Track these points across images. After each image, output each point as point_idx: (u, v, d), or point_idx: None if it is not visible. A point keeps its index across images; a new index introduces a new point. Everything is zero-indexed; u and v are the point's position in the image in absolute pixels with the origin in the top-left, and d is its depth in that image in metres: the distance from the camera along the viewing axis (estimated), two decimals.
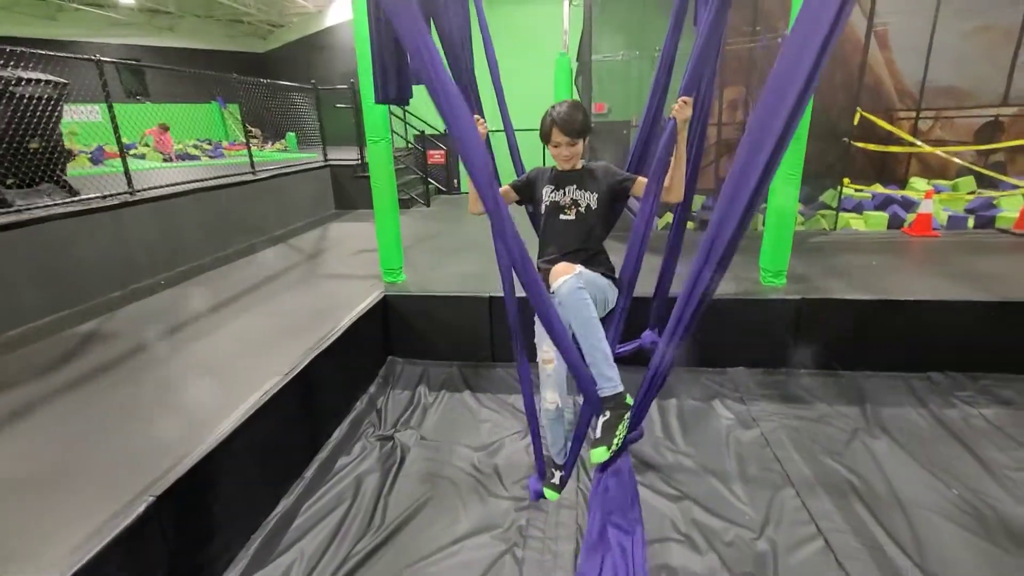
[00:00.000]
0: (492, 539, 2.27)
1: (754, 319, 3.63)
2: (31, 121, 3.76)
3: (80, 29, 12.89)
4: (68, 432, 2.22)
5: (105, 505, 1.74)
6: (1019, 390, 3.28)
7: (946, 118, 7.07)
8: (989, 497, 2.44)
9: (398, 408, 3.33)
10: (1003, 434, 2.89)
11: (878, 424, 3.02)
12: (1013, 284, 3.70)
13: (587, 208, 1.93)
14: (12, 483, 1.91)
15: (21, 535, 1.66)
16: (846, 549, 2.15)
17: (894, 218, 5.55)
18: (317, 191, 7.30)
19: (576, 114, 1.89)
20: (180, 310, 3.62)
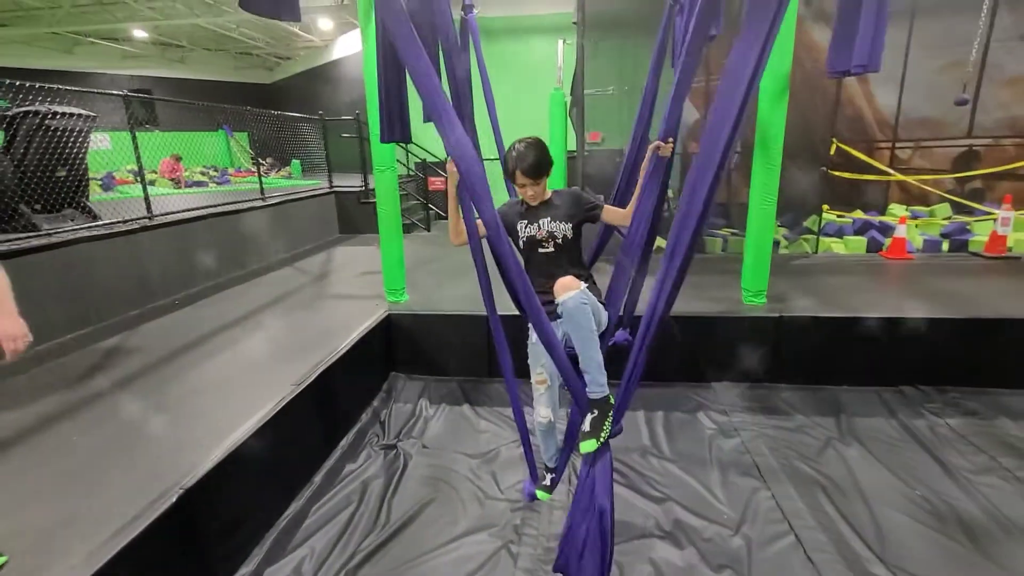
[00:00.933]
0: (489, 536, 2.45)
1: (736, 336, 3.86)
2: (62, 151, 4.05)
3: (95, 61, 13.41)
4: (103, 434, 2.42)
5: (141, 495, 1.94)
6: (983, 402, 3.50)
7: (924, 147, 7.47)
8: (948, 497, 2.63)
9: (401, 420, 3.53)
10: (966, 441, 3.10)
11: (851, 433, 3.23)
12: (979, 303, 3.96)
13: (563, 238, 2.07)
14: (60, 475, 2.11)
15: (73, 520, 1.85)
16: (814, 543, 2.34)
17: (872, 242, 5.84)
18: (322, 216, 7.59)
19: (531, 156, 2.01)
20: (196, 327, 3.84)
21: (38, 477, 2.11)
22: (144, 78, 14.45)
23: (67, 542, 1.75)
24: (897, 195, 7.05)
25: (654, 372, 3.77)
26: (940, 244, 5.73)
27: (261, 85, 16.82)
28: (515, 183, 2.08)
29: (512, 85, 9.85)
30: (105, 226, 4.23)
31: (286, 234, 6.51)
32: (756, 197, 3.82)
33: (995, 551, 2.30)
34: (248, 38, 13.73)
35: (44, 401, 2.71)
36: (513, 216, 2.14)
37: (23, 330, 1.56)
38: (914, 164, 7.53)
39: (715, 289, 4.40)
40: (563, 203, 2.12)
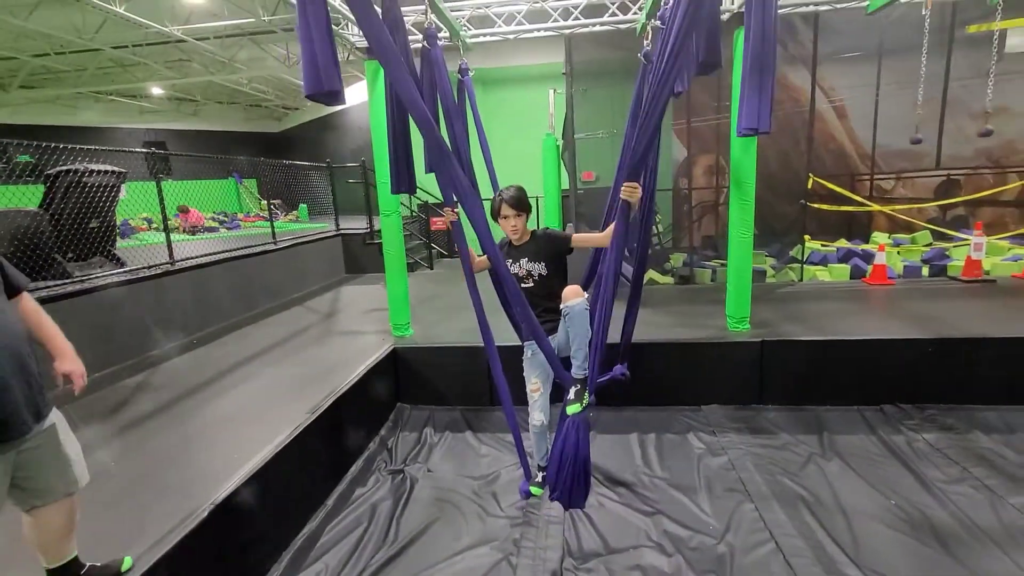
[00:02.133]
0: (490, 550, 2.63)
1: (723, 361, 4.09)
2: (95, 205, 4.42)
3: (115, 117, 14.15)
4: (136, 461, 2.65)
5: (175, 511, 2.16)
6: (960, 417, 3.68)
7: (903, 178, 7.85)
8: (922, 506, 2.81)
9: (407, 447, 3.73)
10: (942, 455, 3.27)
11: (832, 449, 3.41)
12: (955, 324, 4.19)
13: (539, 276, 2.55)
14: (100, 497, 2.32)
15: (116, 535, 2.07)
16: (793, 549, 2.51)
17: (856, 269, 6.11)
18: (330, 258, 7.95)
19: (513, 191, 2.54)
20: (215, 364, 4.10)
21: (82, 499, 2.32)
22: (159, 131, 15.19)
23: (112, 554, 1.96)
24: (883, 224, 7.37)
25: (647, 397, 4.02)
26: (920, 269, 6.00)
27: (271, 134, 17.60)
28: (499, 217, 2.56)
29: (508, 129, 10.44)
30: (130, 272, 4.56)
31: (296, 275, 6.83)
32: (734, 230, 4.13)
33: (963, 554, 2.46)
34: (258, 91, 14.51)
35: (81, 433, 2.91)
36: (503, 254, 2.61)
37: (83, 369, 1.79)
38: (898, 194, 7.89)
39: (703, 317, 4.66)
40: (538, 244, 2.58)
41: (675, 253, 7.16)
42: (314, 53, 1.81)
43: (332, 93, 1.81)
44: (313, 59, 1.81)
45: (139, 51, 10.33)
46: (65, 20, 8.63)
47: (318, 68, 1.81)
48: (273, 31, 9.71)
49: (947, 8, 6.35)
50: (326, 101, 1.85)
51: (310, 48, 1.82)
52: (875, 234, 7.27)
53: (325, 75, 1.77)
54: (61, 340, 1.77)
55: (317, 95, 1.80)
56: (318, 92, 1.80)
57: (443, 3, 3.85)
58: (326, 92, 1.82)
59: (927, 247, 6.76)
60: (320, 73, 1.80)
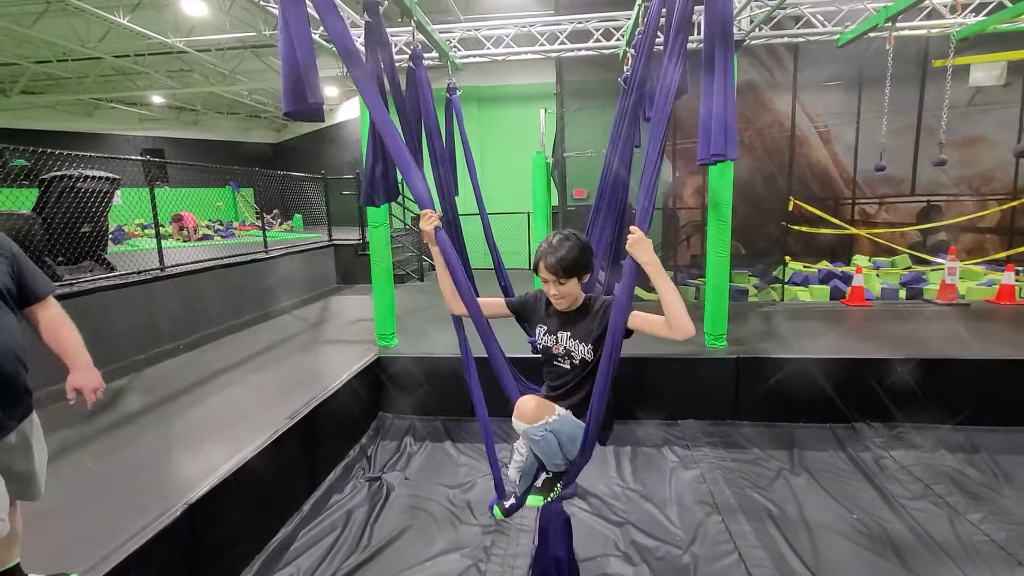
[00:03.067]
0: (461, 556, 2.68)
1: (699, 376, 4.18)
2: (88, 210, 4.50)
3: (114, 124, 14.30)
4: (113, 461, 2.70)
5: (148, 510, 2.21)
6: (928, 436, 3.78)
7: (888, 202, 8.05)
8: (883, 520, 2.88)
9: (387, 455, 3.78)
10: (906, 472, 3.36)
11: (801, 464, 3.49)
12: (925, 345, 4.30)
13: (581, 361, 1.82)
14: (75, 494, 2.37)
15: (87, 531, 2.11)
16: (755, 560, 2.57)
17: (835, 290, 6.24)
18: (322, 267, 8.03)
19: (559, 251, 1.71)
20: (199, 370, 4.15)
21: (57, 495, 2.36)
22: (158, 139, 15.34)
23: (83, 548, 2.01)
24: (867, 247, 7.54)
25: (626, 412, 4.09)
26: (897, 292, 6.13)
27: (268, 145, 17.78)
28: (541, 278, 1.81)
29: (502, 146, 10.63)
30: (119, 276, 4.62)
31: (287, 284, 6.90)
32: (712, 250, 4.25)
33: (919, 567, 2.53)
34: (258, 102, 14.71)
35: (60, 434, 2.98)
36: (537, 316, 1.93)
37: (100, 380, 1.77)
38: (881, 218, 8.09)
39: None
40: (593, 318, 1.80)
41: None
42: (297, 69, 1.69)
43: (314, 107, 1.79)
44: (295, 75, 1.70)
45: (141, 60, 10.50)
46: (69, 29, 8.80)
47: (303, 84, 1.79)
48: (274, 44, 9.91)
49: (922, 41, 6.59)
50: (307, 118, 1.86)
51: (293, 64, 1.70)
52: (856, 257, 7.43)
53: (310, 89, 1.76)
54: (75, 353, 1.71)
55: (298, 112, 1.80)
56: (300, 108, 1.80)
57: (433, 24, 3.99)
58: (307, 107, 1.74)
59: (906, 270, 6.92)
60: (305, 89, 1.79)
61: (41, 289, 1.67)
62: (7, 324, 1.53)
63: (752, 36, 4.23)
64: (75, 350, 1.72)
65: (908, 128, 7.33)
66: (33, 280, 1.65)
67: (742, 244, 7.26)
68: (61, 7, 7.84)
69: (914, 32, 4.55)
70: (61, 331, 1.71)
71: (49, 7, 7.95)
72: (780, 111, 7.48)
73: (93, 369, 1.75)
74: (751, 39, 4.28)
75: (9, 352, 1.51)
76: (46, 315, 1.69)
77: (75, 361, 1.71)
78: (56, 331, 1.70)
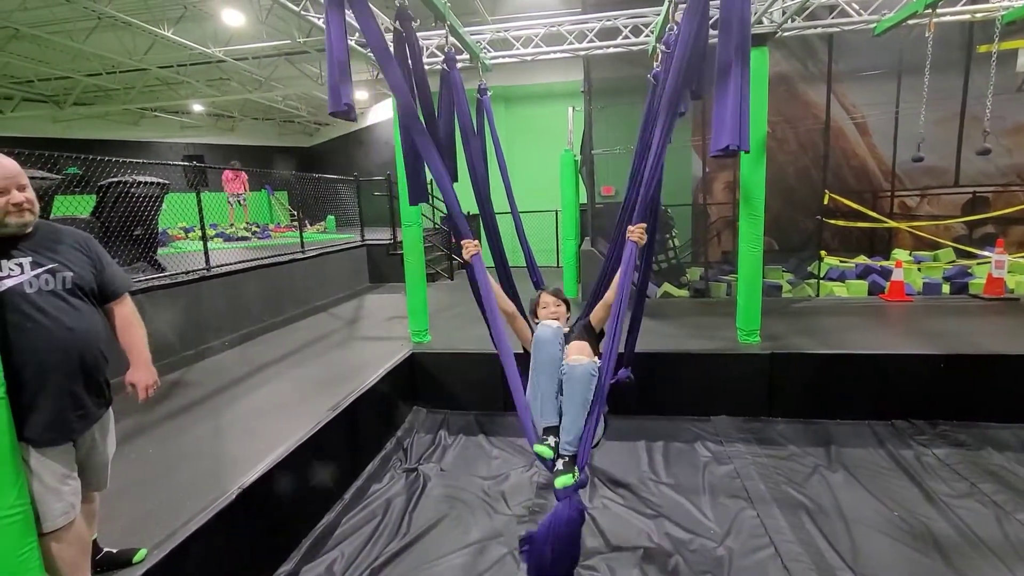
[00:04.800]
0: (497, 544, 2.75)
1: (732, 372, 4.15)
2: (140, 214, 4.76)
3: (157, 132, 14.94)
4: (172, 448, 2.88)
5: (207, 493, 2.36)
6: (972, 434, 3.66)
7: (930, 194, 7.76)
8: (925, 517, 2.83)
9: (422, 447, 3.89)
10: (950, 470, 3.27)
11: (839, 461, 3.44)
12: (970, 341, 4.16)
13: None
14: (139, 478, 2.55)
15: (153, 511, 2.27)
16: (791, 554, 2.56)
17: (873, 285, 6.08)
18: (354, 267, 8.24)
19: (556, 289, 2.63)
20: (245, 365, 4.35)
21: (125, 479, 2.55)
22: (198, 145, 15.95)
23: (150, 527, 2.17)
24: (907, 241, 7.28)
25: (657, 406, 4.10)
26: (940, 287, 5.93)
27: (302, 148, 18.26)
28: (539, 308, 2.60)
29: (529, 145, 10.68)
30: (170, 276, 4.87)
31: (322, 283, 7.12)
32: (744, 244, 4.21)
33: (963, 566, 2.48)
34: (292, 107, 15.14)
35: (121, 424, 3.18)
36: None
37: (155, 377, 1.88)
38: (923, 211, 7.81)
39: (715, 329, 4.73)
40: (576, 330, 2.46)
41: (692, 268, 7.22)
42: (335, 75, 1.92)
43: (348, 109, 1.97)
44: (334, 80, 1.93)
45: (183, 71, 10.96)
46: (117, 43, 9.26)
47: (339, 88, 1.95)
48: (307, 51, 10.20)
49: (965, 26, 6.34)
50: (343, 117, 2.04)
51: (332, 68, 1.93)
52: (896, 251, 7.20)
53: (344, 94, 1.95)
54: (139, 351, 1.82)
55: (339, 112, 1.99)
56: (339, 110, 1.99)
57: (464, 27, 4.08)
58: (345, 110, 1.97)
59: (950, 264, 6.67)
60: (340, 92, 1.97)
61: (120, 287, 1.80)
62: (90, 319, 1.66)
63: (784, 28, 4.17)
64: (139, 348, 1.84)
65: (952, 117, 7.05)
66: (112, 278, 1.78)
67: (775, 239, 7.12)
68: (111, 22, 8.26)
69: (956, 17, 4.40)
70: (132, 328, 1.83)
71: (100, 22, 8.39)
72: (814, 103, 7.29)
73: (151, 367, 1.86)
74: (783, 31, 4.22)
75: (94, 345, 1.65)
76: (122, 312, 1.81)
77: (137, 358, 1.83)
78: (127, 328, 1.82)
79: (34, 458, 1.51)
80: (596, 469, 3.43)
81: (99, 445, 1.76)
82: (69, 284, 1.61)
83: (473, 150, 3.04)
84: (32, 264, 1.54)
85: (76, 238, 1.71)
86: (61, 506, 1.55)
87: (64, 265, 1.61)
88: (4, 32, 8.51)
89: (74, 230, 1.73)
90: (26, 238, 1.56)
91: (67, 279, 1.61)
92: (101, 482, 1.81)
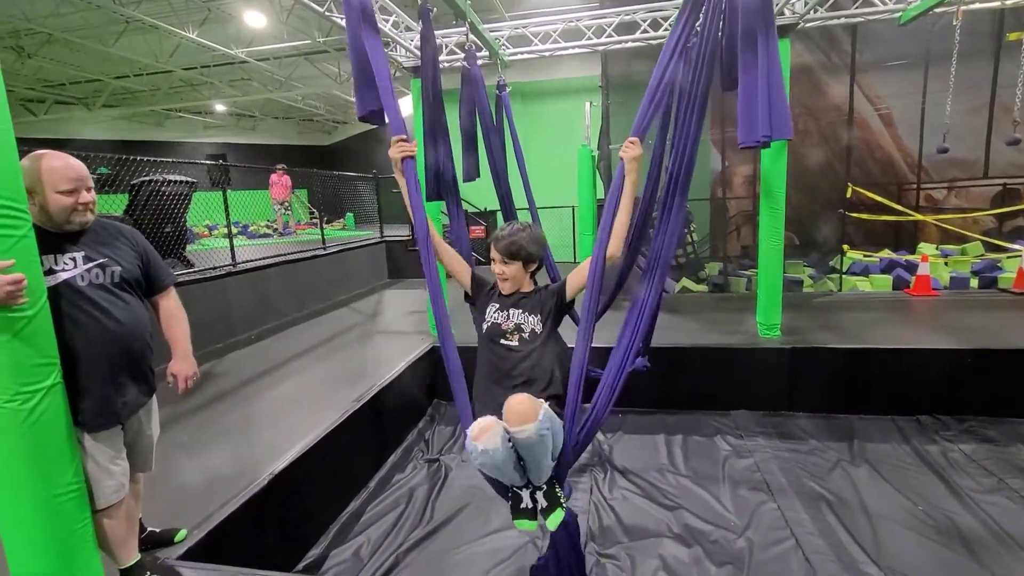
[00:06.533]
0: (518, 533, 2.79)
1: (752, 367, 4.13)
2: (170, 211, 4.91)
3: (182, 132, 15.31)
4: (205, 436, 2.99)
5: (240, 479, 2.45)
6: (1003, 431, 3.60)
7: (959, 187, 7.57)
8: (951, 512, 2.80)
9: (443, 439, 3.95)
10: (977, 465, 3.23)
11: (862, 456, 3.41)
12: (998, 336, 4.08)
13: (531, 333, 1.85)
14: (178, 466, 2.66)
15: (190, 496, 2.38)
16: (813, 547, 2.56)
17: (898, 280, 5.97)
18: (374, 263, 8.37)
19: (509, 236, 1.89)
20: (271, 357, 4.47)
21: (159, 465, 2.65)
22: (220, 144, 16.30)
23: (187, 510, 2.27)
24: (934, 235, 7.12)
25: (676, 400, 4.10)
26: (968, 281, 5.80)
27: (321, 147, 18.53)
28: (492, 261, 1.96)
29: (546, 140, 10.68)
30: (198, 272, 5.02)
31: (343, 279, 7.26)
32: (764, 238, 4.19)
33: (989, 560, 2.46)
34: (311, 107, 15.37)
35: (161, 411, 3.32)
36: (491, 294, 2.00)
37: (195, 369, 1.94)
38: (951, 204, 7.62)
39: (735, 324, 4.71)
40: (544, 295, 1.95)
41: (711, 263, 7.17)
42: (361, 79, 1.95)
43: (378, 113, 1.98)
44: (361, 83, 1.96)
45: (206, 72, 11.21)
46: (144, 45, 9.51)
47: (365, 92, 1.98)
48: (327, 51, 10.36)
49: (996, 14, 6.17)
50: (376, 122, 2.07)
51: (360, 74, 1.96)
52: (921, 245, 7.05)
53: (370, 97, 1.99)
54: (181, 342, 1.89)
55: (367, 116, 2.04)
56: (368, 113, 2.04)
57: (483, 24, 4.12)
58: (374, 112, 1.99)
59: (978, 258, 6.51)
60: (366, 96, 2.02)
61: (165, 279, 1.88)
62: (137, 312, 1.75)
63: (807, 19, 4.12)
64: (181, 340, 1.91)
65: (981, 107, 6.87)
66: (158, 271, 1.86)
67: (796, 234, 7.03)
68: (138, 26, 8.50)
69: (986, 5, 4.30)
70: (175, 320, 1.91)
71: (128, 26, 8.64)
72: (837, 95, 7.17)
73: (192, 359, 1.93)
74: (805, 22, 4.17)
75: (140, 337, 1.74)
76: (166, 304, 1.90)
77: (179, 349, 1.91)
78: (171, 320, 1.90)
79: (87, 441, 1.60)
80: (615, 462, 3.46)
81: (145, 429, 1.85)
82: (117, 278, 1.69)
83: (494, 146, 3.09)
84: (84, 259, 1.63)
85: (125, 233, 1.80)
86: (113, 485, 1.64)
87: (114, 260, 1.69)
88: (38, 37, 8.80)
89: (123, 226, 1.82)
90: (80, 234, 1.65)
91: (116, 273, 1.69)
92: (147, 464, 1.90)
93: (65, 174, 1.57)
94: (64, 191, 1.56)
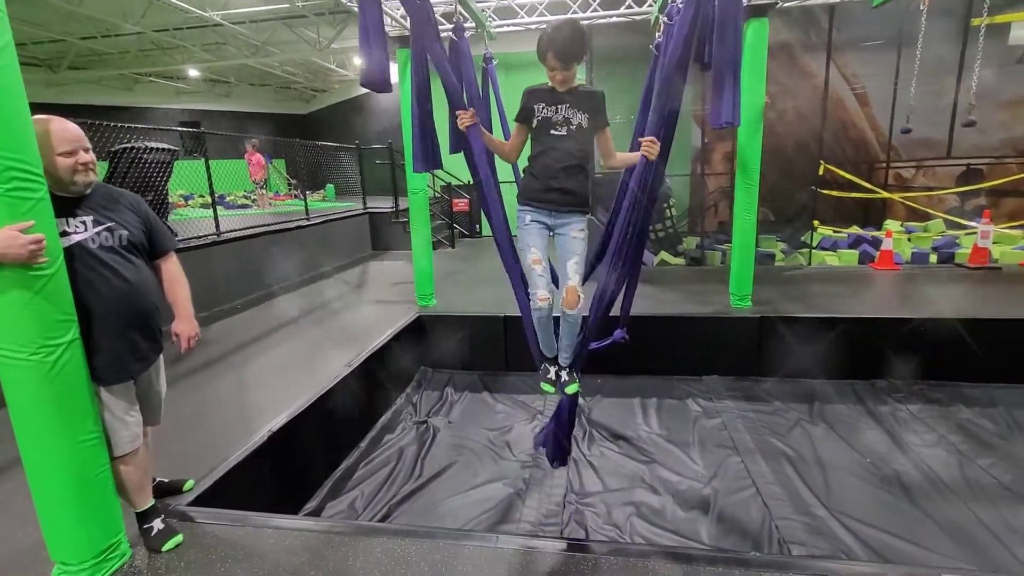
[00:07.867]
0: (503, 485, 3.01)
1: (724, 334, 4.37)
2: (151, 179, 4.86)
3: (153, 97, 14.75)
4: (197, 399, 3.09)
5: (239, 436, 2.58)
6: (947, 392, 3.92)
7: (927, 166, 7.88)
8: (894, 463, 3.10)
9: (430, 403, 4.13)
10: (922, 423, 3.54)
11: (820, 416, 3.70)
12: (950, 306, 4.39)
13: (578, 127, 2.09)
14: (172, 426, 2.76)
15: (191, 453, 2.50)
16: (771, 493, 2.83)
17: (864, 255, 6.27)
18: (358, 234, 8.38)
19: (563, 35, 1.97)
20: (258, 326, 4.54)
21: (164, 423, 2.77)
22: (194, 111, 15.77)
23: (192, 463, 2.39)
24: (900, 212, 7.43)
25: (651, 366, 4.33)
26: (928, 256, 6.13)
27: (299, 115, 18.06)
28: (547, 67, 2.07)
29: None
30: (182, 241, 5.01)
31: (327, 250, 7.27)
32: (738, 212, 4.38)
33: (924, 503, 2.76)
34: (288, 74, 14.92)
35: None
36: (535, 100, 2.16)
37: (197, 329, 2.04)
38: (918, 183, 7.94)
39: (709, 295, 4.93)
40: (587, 97, 2.12)
41: (688, 237, 7.39)
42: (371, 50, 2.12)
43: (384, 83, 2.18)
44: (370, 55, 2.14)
45: (179, 35, 10.79)
46: (113, 5, 9.10)
47: (374, 63, 2.15)
48: (305, 15, 10.05)
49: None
50: (378, 89, 2.22)
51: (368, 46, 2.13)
52: (888, 222, 7.37)
53: (379, 69, 2.14)
54: (183, 304, 1.97)
55: (371, 85, 2.17)
56: (372, 83, 2.18)
57: None
58: (379, 82, 2.19)
59: (939, 235, 6.86)
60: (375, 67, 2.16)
61: (167, 245, 1.96)
62: (145, 273, 1.83)
63: None
64: (183, 301, 2.00)
65: (949, 89, 7.12)
66: (160, 236, 1.93)
67: (771, 210, 7.27)
68: None
69: None
70: (177, 284, 1.99)
71: None
72: (814, 73, 7.34)
73: (194, 320, 2.02)
74: (784, 1, 4.27)
75: (148, 296, 1.83)
76: (168, 268, 1.97)
77: (181, 311, 1.99)
78: (173, 283, 1.98)
79: (104, 393, 1.71)
80: (595, 423, 3.69)
81: (155, 385, 1.95)
82: (125, 241, 1.77)
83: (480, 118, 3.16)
84: (94, 222, 1.70)
85: (129, 199, 1.86)
86: (129, 434, 1.76)
87: (120, 224, 1.76)
88: None
89: (125, 191, 1.88)
90: (87, 198, 1.71)
91: (123, 236, 1.77)
92: (156, 418, 2.02)
93: (63, 136, 1.63)
94: (64, 152, 1.62)
